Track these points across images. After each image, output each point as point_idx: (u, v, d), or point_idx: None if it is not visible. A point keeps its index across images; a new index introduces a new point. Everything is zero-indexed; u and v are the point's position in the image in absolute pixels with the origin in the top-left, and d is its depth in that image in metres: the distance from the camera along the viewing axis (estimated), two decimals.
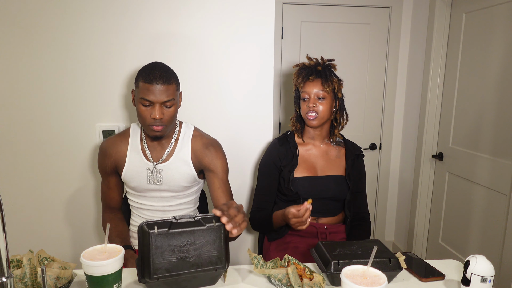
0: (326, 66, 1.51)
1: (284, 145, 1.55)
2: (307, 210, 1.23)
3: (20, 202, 1.70)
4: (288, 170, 1.49)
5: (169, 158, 1.35)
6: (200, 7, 1.64)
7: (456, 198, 2.36)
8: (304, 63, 1.54)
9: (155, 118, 1.23)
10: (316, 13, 2.58)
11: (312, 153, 1.56)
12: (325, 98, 1.47)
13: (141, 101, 1.23)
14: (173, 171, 1.35)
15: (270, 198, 1.55)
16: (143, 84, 1.22)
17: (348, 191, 1.52)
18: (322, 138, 1.57)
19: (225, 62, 1.70)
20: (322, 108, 1.47)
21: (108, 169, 1.38)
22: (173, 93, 1.25)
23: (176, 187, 1.36)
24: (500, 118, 1.97)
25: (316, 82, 1.48)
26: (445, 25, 2.40)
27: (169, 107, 1.25)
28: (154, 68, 1.24)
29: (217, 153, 1.39)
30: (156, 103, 1.22)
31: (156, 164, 1.34)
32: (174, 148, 1.36)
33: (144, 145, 1.36)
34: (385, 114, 2.78)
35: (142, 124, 1.29)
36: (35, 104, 1.63)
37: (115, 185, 1.42)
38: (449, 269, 1.14)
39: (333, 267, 1.02)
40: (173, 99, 1.25)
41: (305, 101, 1.50)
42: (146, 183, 1.35)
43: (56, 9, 1.57)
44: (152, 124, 1.25)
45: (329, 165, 1.54)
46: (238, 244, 1.90)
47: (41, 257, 1.02)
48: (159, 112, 1.22)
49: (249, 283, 1.06)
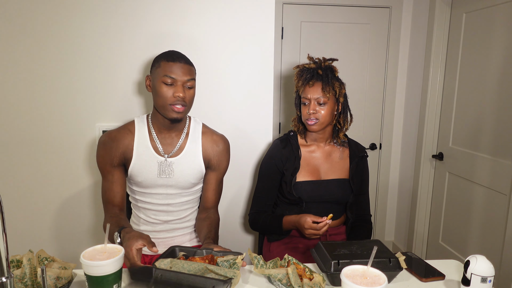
0: (327, 68, 1.46)
1: (287, 147, 1.51)
2: (326, 224, 1.27)
3: (20, 202, 1.70)
4: (291, 174, 1.47)
5: (180, 152, 1.34)
6: (200, 7, 1.64)
7: (456, 198, 2.36)
8: (304, 65, 1.49)
9: (178, 96, 1.23)
10: (316, 13, 2.58)
11: (315, 155, 1.53)
12: (326, 103, 1.42)
13: (163, 79, 1.23)
14: (184, 166, 1.33)
15: (270, 201, 1.54)
16: (165, 63, 1.24)
17: (351, 194, 1.50)
18: (325, 139, 1.53)
19: (225, 62, 1.70)
20: (323, 113, 1.43)
21: (115, 161, 1.31)
22: (194, 74, 1.29)
23: (184, 182, 1.34)
24: (500, 118, 1.97)
25: (317, 87, 1.43)
26: (445, 25, 2.40)
27: (190, 88, 1.27)
28: (175, 51, 1.29)
29: (226, 152, 1.41)
30: (179, 82, 1.24)
31: (167, 157, 1.32)
32: (185, 142, 1.35)
33: (153, 138, 1.33)
34: (385, 114, 2.78)
35: (161, 106, 1.25)
36: (35, 104, 1.63)
37: (119, 178, 1.34)
38: (449, 269, 1.14)
39: (333, 267, 1.02)
40: (193, 80, 1.28)
41: (306, 106, 1.46)
42: (156, 177, 1.32)
43: (56, 10, 1.57)
44: (174, 103, 1.24)
45: (332, 168, 1.51)
46: (238, 244, 1.90)
47: (41, 257, 1.02)
48: (182, 90, 1.23)
49: (249, 283, 1.06)
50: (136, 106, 1.70)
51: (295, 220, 1.36)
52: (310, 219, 1.29)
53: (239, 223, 1.89)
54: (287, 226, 1.43)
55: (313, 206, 1.48)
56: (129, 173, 1.33)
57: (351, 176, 1.50)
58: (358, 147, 1.57)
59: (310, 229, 1.29)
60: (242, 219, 1.89)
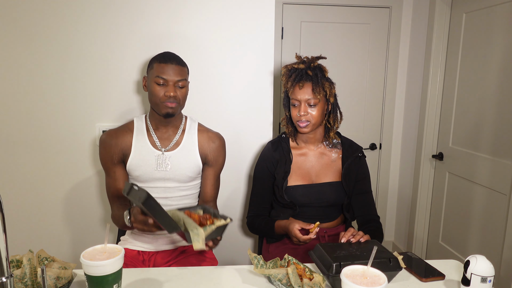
0: (317, 68, 1.42)
1: (278, 149, 1.49)
2: (310, 239, 1.28)
3: (20, 202, 1.70)
4: (282, 178, 1.45)
5: (176, 147, 1.40)
6: (200, 7, 1.64)
7: (456, 198, 2.36)
8: (293, 65, 1.44)
9: (169, 95, 1.30)
10: (316, 13, 2.58)
11: (306, 158, 1.50)
12: (316, 104, 1.39)
13: (155, 79, 1.31)
14: (180, 160, 1.39)
15: (266, 204, 1.54)
16: (158, 65, 1.32)
17: (345, 196, 1.47)
18: (316, 141, 1.51)
19: (224, 62, 1.70)
20: (314, 114, 1.40)
21: (114, 159, 1.37)
22: (185, 74, 1.35)
23: (181, 176, 1.39)
24: (500, 118, 1.97)
25: (307, 88, 1.39)
26: (445, 25, 2.40)
27: (182, 87, 1.34)
28: (168, 53, 1.36)
29: (221, 148, 1.47)
30: (170, 82, 1.31)
31: (164, 151, 1.38)
32: (182, 138, 1.42)
33: (151, 133, 1.40)
34: (385, 114, 2.78)
35: (154, 104, 1.34)
36: (35, 104, 1.63)
37: (121, 175, 1.40)
38: (449, 269, 1.14)
39: (335, 269, 1.01)
40: (185, 80, 1.35)
41: (296, 107, 1.42)
42: (153, 170, 1.37)
43: (57, 10, 1.57)
44: (165, 100, 1.31)
45: (324, 171, 1.49)
46: (238, 245, 1.90)
47: (41, 257, 1.02)
48: (173, 90, 1.31)
49: (249, 283, 1.06)
50: (136, 106, 1.70)
51: (285, 226, 1.37)
52: (298, 226, 1.30)
53: (238, 225, 1.89)
54: (279, 231, 1.43)
55: (306, 209, 1.47)
56: (127, 167, 1.39)
57: (343, 178, 1.47)
58: (352, 147, 1.52)
59: (295, 237, 1.31)
60: (242, 221, 1.89)
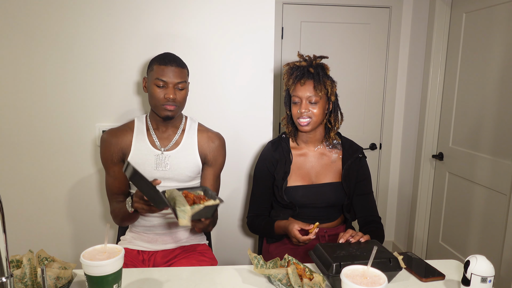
0: (319, 66, 1.42)
1: (278, 149, 1.48)
2: (310, 240, 1.28)
3: (20, 202, 1.70)
4: (281, 178, 1.45)
5: (176, 146, 1.40)
6: (200, 8, 1.64)
7: (456, 198, 2.36)
8: (295, 63, 1.44)
9: (169, 98, 1.30)
10: (316, 13, 2.58)
11: (306, 158, 1.49)
12: (317, 102, 1.39)
13: (155, 81, 1.31)
14: (180, 159, 1.39)
15: (266, 204, 1.54)
16: (157, 67, 1.31)
17: (345, 197, 1.47)
18: (317, 141, 1.50)
19: (224, 62, 1.70)
20: (315, 112, 1.39)
21: (114, 157, 1.38)
22: (185, 76, 1.35)
23: (181, 175, 1.39)
24: (500, 118, 1.97)
25: (308, 85, 1.39)
26: (445, 25, 2.40)
27: (181, 89, 1.34)
28: (168, 54, 1.36)
29: (221, 147, 1.47)
30: (170, 84, 1.31)
31: (164, 150, 1.38)
32: (181, 137, 1.42)
33: (151, 133, 1.40)
34: (385, 114, 2.78)
35: (154, 106, 1.34)
36: (36, 104, 1.63)
37: (121, 174, 1.40)
38: (449, 269, 1.14)
39: (335, 269, 1.01)
40: (185, 82, 1.34)
41: (296, 105, 1.42)
42: (153, 170, 1.37)
43: (57, 10, 1.57)
44: (165, 103, 1.31)
45: (324, 171, 1.48)
46: (238, 245, 1.90)
47: (41, 257, 1.02)
48: (172, 92, 1.30)
49: (249, 283, 1.06)
50: (136, 106, 1.70)
51: (285, 226, 1.37)
52: (298, 227, 1.30)
53: (238, 225, 1.89)
54: (279, 231, 1.43)
55: (306, 210, 1.47)
56: None
57: (344, 179, 1.46)
58: (353, 147, 1.51)
59: (294, 238, 1.31)
60: (242, 221, 1.89)
